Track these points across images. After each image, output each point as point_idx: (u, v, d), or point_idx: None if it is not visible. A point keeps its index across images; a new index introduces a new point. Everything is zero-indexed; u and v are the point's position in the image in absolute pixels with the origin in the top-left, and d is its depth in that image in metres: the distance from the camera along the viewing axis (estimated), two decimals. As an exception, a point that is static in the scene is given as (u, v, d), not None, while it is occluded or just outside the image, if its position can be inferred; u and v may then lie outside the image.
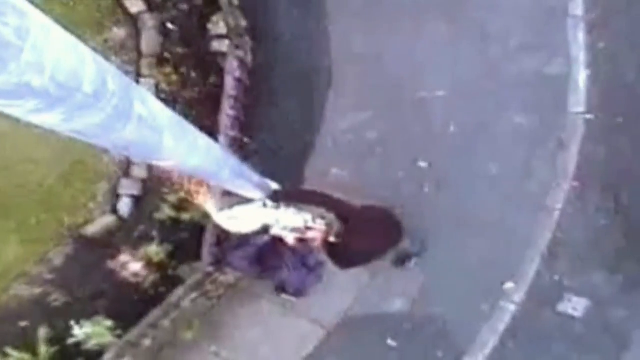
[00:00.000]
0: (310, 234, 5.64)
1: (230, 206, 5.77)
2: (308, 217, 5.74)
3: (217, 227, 6.42)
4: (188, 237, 6.77)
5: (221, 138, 6.31)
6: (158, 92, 6.90)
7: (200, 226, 6.56)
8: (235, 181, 5.03)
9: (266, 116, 6.95)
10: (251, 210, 5.64)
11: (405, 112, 6.66)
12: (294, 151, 6.85)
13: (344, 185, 6.60)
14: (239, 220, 5.64)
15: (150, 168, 6.86)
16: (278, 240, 5.83)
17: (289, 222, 5.65)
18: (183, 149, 3.31)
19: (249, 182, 5.47)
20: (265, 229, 5.74)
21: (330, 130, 6.80)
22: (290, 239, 5.66)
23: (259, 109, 6.95)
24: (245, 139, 6.89)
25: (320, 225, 5.74)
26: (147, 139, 2.84)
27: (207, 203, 5.88)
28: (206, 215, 6.41)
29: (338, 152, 6.73)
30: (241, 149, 6.78)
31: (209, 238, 6.36)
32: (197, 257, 6.43)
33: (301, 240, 5.68)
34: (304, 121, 6.87)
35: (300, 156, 6.81)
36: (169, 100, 6.76)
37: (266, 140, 6.91)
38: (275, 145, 6.88)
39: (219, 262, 6.53)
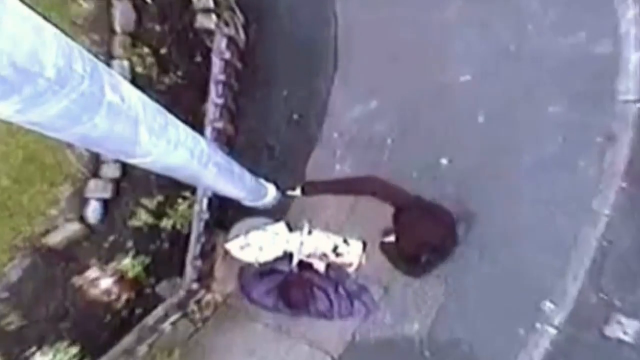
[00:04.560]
0: (342, 260, 5.58)
1: (246, 231, 5.73)
2: (339, 240, 5.68)
3: (203, 237, 6.42)
4: (168, 248, 6.77)
5: (207, 130, 6.30)
6: (133, 77, 6.90)
7: (182, 235, 6.56)
8: (223, 182, 5.02)
9: (260, 105, 6.95)
10: (270, 236, 5.59)
11: (424, 100, 6.65)
12: (292, 145, 6.85)
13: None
14: (255, 248, 5.60)
15: (123, 166, 6.86)
16: (307, 268, 5.70)
17: (316, 248, 5.60)
18: (162, 143, 3.30)
19: (240, 183, 5.47)
20: (289, 256, 5.65)
21: (335, 120, 6.81)
22: (320, 266, 5.59)
23: (252, 96, 6.96)
24: (236, 132, 6.90)
25: (355, 247, 5.68)
26: (119, 132, 2.83)
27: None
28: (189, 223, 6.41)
29: (344, 146, 6.73)
30: (231, 143, 6.78)
31: (192, 249, 6.34)
32: (179, 272, 6.41)
33: (334, 266, 5.61)
34: (304, 110, 6.88)
35: (300, 151, 6.82)
36: (146, 86, 6.76)
37: (260, 133, 6.91)
38: (270, 139, 6.89)
39: (201, 280, 6.51)
